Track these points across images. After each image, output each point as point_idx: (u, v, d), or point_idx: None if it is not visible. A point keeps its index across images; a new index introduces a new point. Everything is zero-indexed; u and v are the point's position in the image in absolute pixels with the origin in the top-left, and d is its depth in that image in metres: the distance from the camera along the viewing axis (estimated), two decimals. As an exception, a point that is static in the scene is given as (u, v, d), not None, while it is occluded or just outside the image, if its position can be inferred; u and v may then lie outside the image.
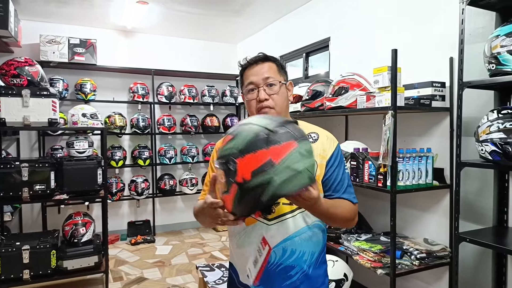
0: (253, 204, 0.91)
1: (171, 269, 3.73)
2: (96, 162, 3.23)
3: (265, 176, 0.87)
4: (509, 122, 1.71)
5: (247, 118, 1.04)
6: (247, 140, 0.90)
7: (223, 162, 0.93)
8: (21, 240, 2.96)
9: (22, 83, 2.93)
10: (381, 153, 2.19)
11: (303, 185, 0.92)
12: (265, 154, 0.88)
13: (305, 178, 0.91)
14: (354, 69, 2.71)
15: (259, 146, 0.88)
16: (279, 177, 0.87)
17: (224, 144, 0.96)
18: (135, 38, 4.92)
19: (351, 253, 2.45)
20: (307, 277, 1.18)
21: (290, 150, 0.89)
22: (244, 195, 0.90)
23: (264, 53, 1.27)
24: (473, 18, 2.10)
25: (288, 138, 0.91)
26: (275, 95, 1.21)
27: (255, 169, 0.87)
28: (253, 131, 0.91)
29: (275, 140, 0.89)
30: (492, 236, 1.98)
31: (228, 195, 0.93)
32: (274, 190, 0.88)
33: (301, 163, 0.90)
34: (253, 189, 0.88)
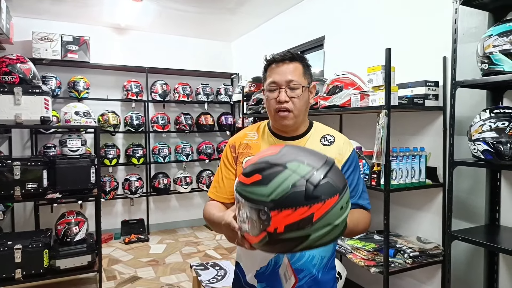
0: (282, 251, 0.89)
1: (165, 268, 3.72)
2: (89, 161, 3.20)
3: (302, 232, 0.82)
4: (501, 122, 1.73)
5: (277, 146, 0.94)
6: (284, 193, 0.81)
7: (250, 206, 0.85)
8: (13, 239, 2.93)
9: (14, 81, 2.90)
10: (374, 152, 2.20)
11: (337, 237, 0.88)
12: (305, 212, 0.81)
13: (340, 229, 0.87)
14: (349, 68, 2.72)
15: (298, 202, 0.81)
16: (316, 233, 0.82)
17: (250, 184, 0.87)
18: (129, 36, 4.88)
19: (344, 252, 2.46)
20: (315, 282, 1.17)
21: (330, 206, 0.83)
22: (274, 243, 0.84)
23: (292, 52, 1.22)
24: (466, 17, 2.12)
25: (331, 193, 0.83)
26: (296, 98, 1.18)
27: (291, 224, 0.81)
28: (291, 182, 0.82)
29: (316, 196, 0.81)
30: (484, 234, 2.00)
31: (253, 236, 0.87)
32: (308, 244, 0.83)
33: (339, 217, 0.85)
34: (286, 241, 0.83)
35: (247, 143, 1.27)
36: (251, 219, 0.86)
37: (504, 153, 1.68)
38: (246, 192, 0.87)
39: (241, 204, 0.89)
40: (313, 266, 1.16)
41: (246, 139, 1.29)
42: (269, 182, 0.84)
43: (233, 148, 1.29)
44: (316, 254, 1.16)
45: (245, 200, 0.87)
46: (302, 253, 1.15)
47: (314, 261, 1.16)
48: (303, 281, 1.15)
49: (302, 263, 1.15)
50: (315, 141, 1.24)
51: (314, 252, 1.16)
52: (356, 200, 1.19)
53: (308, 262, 1.15)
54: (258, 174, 0.86)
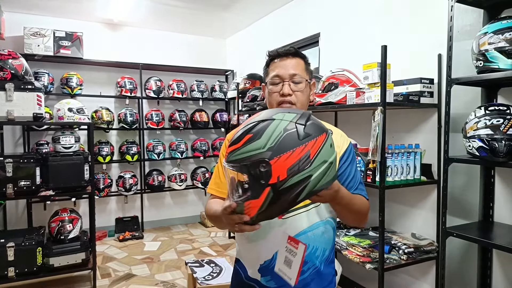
0: (287, 204, 0.87)
1: (160, 265, 3.71)
2: (83, 158, 3.17)
3: (304, 173, 0.84)
4: (496, 119, 1.74)
5: (257, 114, 0.96)
6: (278, 138, 0.84)
7: (247, 164, 0.85)
8: (5, 237, 2.90)
9: (5, 77, 2.85)
10: (370, 149, 2.20)
11: (335, 177, 0.90)
12: (302, 150, 0.84)
13: (334, 169, 0.90)
14: (344, 65, 2.72)
15: (294, 143, 0.84)
16: (316, 172, 0.85)
17: (242, 145, 0.87)
18: (123, 32, 4.84)
19: (340, 248, 2.47)
20: (318, 274, 1.18)
21: (322, 143, 0.86)
22: (279, 196, 0.85)
23: (295, 48, 1.25)
24: (461, 15, 2.13)
25: (319, 131, 0.88)
26: (299, 92, 1.20)
27: (292, 166, 0.83)
28: (281, 127, 0.86)
29: (308, 134, 0.86)
30: (478, 230, 2.02)
31: (255, 200, 0.86)
32: (312, 186, 0.85)
33: (332, 154, 0.88)
34: (290, 188, 0.84)
35: None
36: (251, 182, 0.86)
37: (499, 150, 1.69)
38: (240, 154, 0.87)
39: (237, 171, 0.88)
40: (316, 257, 1.17)
41: None
42: (261, 135, 0.86)
43: None
44: (319, 246, 1.17)
45: (240, 163, 0.87)
46: (306, 245, 1.14)
47: (317, 253, 1.17)
48: (307, 273, 1.16)
49: (307, 255, 1.15)
50: None
51: (317, 244, 1.16)
52: (354, 191, 1.20)
53: (312, 254, 1.16)
54: (248, 134, 0.88)
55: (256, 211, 0.88)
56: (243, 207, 0.89)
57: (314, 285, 1.17)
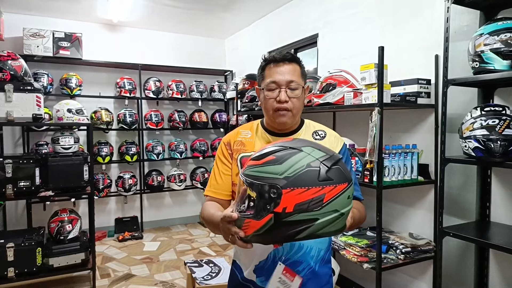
0: (284, 237, 0.85)
1: (159, 266, 3.72)
2: (82, 158, 3.18)
3: (311, 214, 0.82)
4: (491, 119, 1.75)
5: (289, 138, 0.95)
6: (298, 171, 0.83)
7: (260, 184, 0.85)
8: (5, 237, 2.91)
9: (4, 78, 2.86)
10: (367, 149, 2.22)
11: (340, 230, 0.88)
12: (317, 191, 0.82)
13: (343, 221, 0.88)
14: (342, 66, 2.73)
15: (312, 182, 0.82)
16: (323, 217, 0.83)
17: (262, 164, 0.87)
18: (122, 32, 4.85)
19: (338, 248, 2.48)
20: (314, 274, 1.19)
21: (340, 191, 0.84)
22: (279, 226, 0.83)
23: (291, 53, 1.25)
24: (458, 16, 2.14)
25: (341, 180, 0.85)
26: (295, 98, 1.20)
27: (301, 203, 0.81)
28: (305, 162, 0.85)
29: (329, 178, 0.84)
30: (475, 230, 2.03)
31: (256, 221, 0.85)
32: (314, 229, 0.83)
33: (346, 206, 0.86)
34: (292, 224, 0.82)
35: (241, 140, 1.28)
36: (258, 202, 0.85)
37: (495, 150, 1.71)
38: (257, 172, 0.87)
39: (248, 187, 0.88)
40: (311, 258, 1.18)
41: (240, 136, 1.30)
42: (283, 161, 0.85)
43: (228, 145, 1.30)
44: (314, 246, 1.18)
45: (255, 180, 0.86)
46: (300, 245, 1.16)
47: (312, 253, 1.18)
48: (303, 273, 1.17)
49: (301, 255, 1.16)
50: (308, 136, 1.27)
51: (312, 244, 1.17)
52: None
53: (307, 254, 1.17)
54: (272, 156, 0.88)
55: (253, 232, 0.87)
56: (243, 222, 0.88)
57: (311, 284, 1.18)
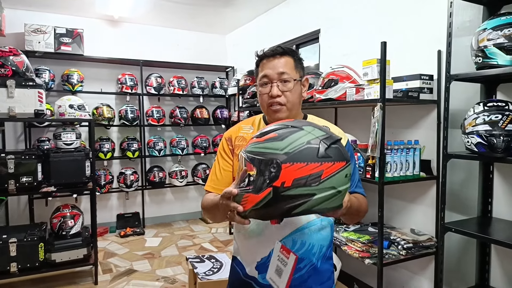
0: (281, 212, 0.87)
1: (161, 261, 3.73)
2: (84, 154, 3.19)
3: (308, 189, 0.84)
4: (494, 115, 1.75)
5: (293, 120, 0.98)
6: (298, 147, 0.85)
7: (260, 159, 0.87)
8: (7, 232, 2.92)
9: (6, 73, 2.86)
10: (369, 145, 2.21)
11: (336, 208, 0.90)
12: (316, 167, 0.84)
13: (340, 200, 0.89)
14: (344, 62, 2.72)
15: (311, 158, 0.85)
16: (321, 193, 0.84)
17: (264, 141, 0.90)
18: (123, 28, 4.84)
19: (339, 244, 2.48)
20: (315, 271, 1.18)
21: (338, 169, 0.86)
22: (277, 200, 0.85)
23: (283, 46, 1.22)
24: (461, 11, 2.13)
25: (340, 158, 0.88)
26: (288, 92, 1.18)
27: (300, 178, 0.83)
28: (306, 139, 0.87)
29: (328, 155, 0.86)
30: (477, 226, 2.03)
31: (255, 195, 0.87)
32: (310, 204, 0.85)
33: (344, 185, 0.88)
34: (290, 198, 0.84)
35: (242, 135, 1.28)
36: (257, 176, 0.87)
37: (497, 145, 1.70)
38: (259, 148, 0.89)
39: (250, 162, 0.89)
40: (313, 255, 1.17)
41: (241, 132, 1.29)
42: (284, 138, 0.88)
43: (230, 141, 1.29)
44: (316, 243, 1.18)
45: (256, 155, 0.88)
46: (303, 242, 1.15)
47: (314, 250, 1.18)
48: (304, 270, 1.16)
49: (303, 252, 1.16)
50: None
51: (314, 241, 1.17)
52: (353, 188, 1.22)
53: (309, 251, 1.17)
54: (273, 133, 0.90)
55: (251, 206, 0.89)
56: (242, 197, 0.90)
57: (312, 281, 1.18)
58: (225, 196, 0.93)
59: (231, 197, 0.92)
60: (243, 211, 0.90)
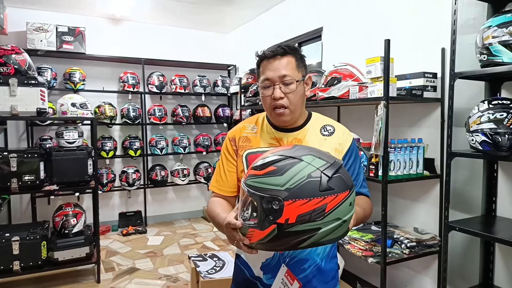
0: (288, 246, 0.86)
1: (163, 260, 3.73)
2: (86, 153, 3.19)
3: (313, 224, 0.82)
4: (499, 113, 1.73)
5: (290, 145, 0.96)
6: (299, 182, 0.83)
7: (262, 196, 0.85)
8: (10, 231, 2.93)
9: (9, 72, 2.86)
10: (373, 143, 2.20)
11: (343, 235, 0.89)
12: (319, 202, 0.83)
13: (346, 227, 0.88)
14: (347, 59, 2.71)
15: (313, 193, 0.83)
16: (326, 226, 0.83)
17: (264, 175, 0.87)
18: (125, 27, 4.83)
19: (342, 242, 2.47)
20: (319, 271, 1.18)
21: (342, 200, 0.85)
22: (282, 236, 0.84)
23: (283, 45, 1.19)
24: (465, 8, 2.11)
25: (343, 188, 0.86)
26: (290, 94, 1.16)
27: (303, 214, 0.82)
28: (306, 172, 0.85)
29: (330, 188, 0.84)
30: (481, 224, 2.01)
31: (259, 231, 0.86)
32: (317, 238, 0.84)
33: (348, 213, 0.87)
34: (295, 234, 0.83)
35: (246, 136, 1.26)
36: (260, 212, 0.85)
37: (502, 144, 1.69)
38: (258, 183, 0.87)
39: (250, 197, 0.88)
40: (317, 255, 1.17)
41: (245, 131, 1.28)
42: (284, 172, 0.85)
43: (233, 141, 1.28)
44: None
45: (256, 191, 0.86)
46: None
47: (318, 250, 1.18)
48: (309, 270, 1.16)
49: (307, 253, 1.16)
50: (315, 131, 1.23)
51: None
52: (358, 188, 1.20)
53: (313, 252, 1.16)
54: (272, 166, 0.87)
55: (257, 240, 0.88)
56: (247, 230, 0.89)
57: (316, 281, 1.18)
58: (229, 227, 0.93)
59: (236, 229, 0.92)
60: (249, 243, 0.90)
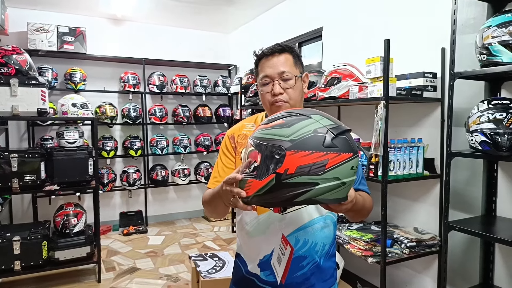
0: (283, 199, 0.86)
1: (164, 259, 3.74)
2: (87, 153, 3.20)
3: (311, 178, 0.83)
4: (499, 113, 1.73)
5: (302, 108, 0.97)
6: (304, 135, 0.84)
7: (265, 145, 0.86)
8: (11, 231, 2.94)
9: (9, 72, 2.87)
10: (372, 143, 2.21)
11: (340, 199, 0.89)
12: (321, 156, 0.83)
13: (345, 192, 0.88)
14: (347, 59, 2.71)
15: (316, 146, 0.83)
16: (324, 183, 0.83)
17: (271, 127, 0.89)
18: (126, 27, 4.84)
19: (342, 242, 2.48)
20: (318, 268, 1.18)
21: (344, 160, 0.85)
22: (279, 187, 0.84)
23: (281, 44, 1.22)
24: (465, 8, 2.11)
25: (346, 149, 0.86)
26: (290, 89, 1.18)
27: (303, 166, 0.82)
28: (312, 127, 0.86)
29: (334, 145, 0.84)
30: (481, 224, 2.02)
31: (258, 181, 0.86)
32: (313, 194, 0.84)
33: (349, 177, 0.87)
34: (292, 186, 0.83)
35: (245, 133, 1.27)
36: (262, 162, 0.86)
37: (502, 144, 1.69)
38: (265, 134, 0.88)
39: (255, 148, 0.89)
40: (315, 252, 1.17)
41: (244, 130, 1.29)
42: (291, 125, 0.86)
43: (232, 139, 1.29)
44: (319, 241, 1.17)
45: (261, 141, 0.87)
46: (305, 240, 1.15)
47: (317, 248, 1.18)
48: (307, 268, 1.16)
49: (306, 250, 1.16)
50: None
51: (317, 239, 1.17)
52: (357, 185, 1.21)
53: (311, 249, 1.17)
54: (281, 120, 0.89)
55: (254, 192, 0.88)
56: (245, 183, 0.90)
57: (314, 279, 1.18)
58: (228, 182, 0.94)
59: (234, 183, 0.93)
60: (246, 196, 0.90)
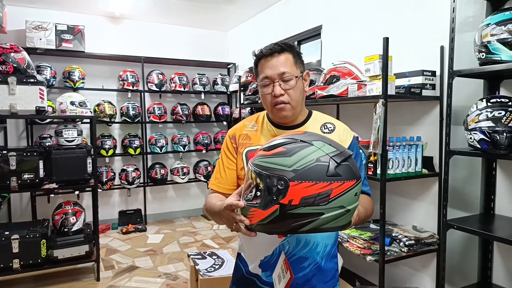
0: (288, 228, 0.85)
1: (163, 258, 3.74)
2: (86, 151, 3.19)
3: (316, 208, 0.82)
4: (497, 111, 1.73)
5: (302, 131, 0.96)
6: (307, 165, 0.83)
7: (268, 176, 0.85)
8: (10, 229, 2.94)
9: (7, 70, 2.86)
10: (371, 141, 2.20)
11: (345, 226, 0.89)
12: (325, 186, 0.82)
13: (348, 218, 0.88)
14: (346, 58, 2.70)
15: (320, 176, 0.82)
16: (329, 213, 0.83)
17: (272, 155, 0.87)
18: (124, 25, 4.83)
19: (341, 240, 2.48)
20: (319, 270, 1.18)
21: (348, 188, 0.84)
22: (284, 218, 0.84)
23: (280, 43, 1.19)
24: (464, 6, 2.10)
25: (350, 176, 0.85)
26: (290, 90, 1.16)
27: (308, 197, 0.82)
28: (315, 156, 0.85)
29: (338, 174, 0.84)
30: (479, 223, 2.01)
31: (262, 211, 0.86)
32: (318, 224, 0.83)
33: (353, 203, 0.86)
34: (297, 216, 0.83)
35: (246, 133, 1.26)
36: (265, 192, 0.85)
37: (500, 142, 1.69)
38: (266, 163, 0.87)
39: (256, 176, 0.88)
40: (317, 253, 1.17)
41: (245, 129, 1.28)
42: (293, 154, 0.85)
43: (233, 139, 1.28)
44: (320, 241, 1.17)
45: (263, 170, 0.86)
46: (307, 241, 1.15)
47: (318, 249, 1.17)
48: (308, 269, 1.16)
49: (307, 251, 1.15)
50: (315, 129, 1.23)
51: (318, 239, 1.16)
52: None
53: (313, 250, 1.16)
54: (282, 147, 0.88)
55: (258, 221, 0.87)
56: (248, 211, 0.89)
57: (316, 280, 1.18)
58: (231, 208, 0.92)
59: (235, 210, 0.91)
60: (249, 224, 0.89)
